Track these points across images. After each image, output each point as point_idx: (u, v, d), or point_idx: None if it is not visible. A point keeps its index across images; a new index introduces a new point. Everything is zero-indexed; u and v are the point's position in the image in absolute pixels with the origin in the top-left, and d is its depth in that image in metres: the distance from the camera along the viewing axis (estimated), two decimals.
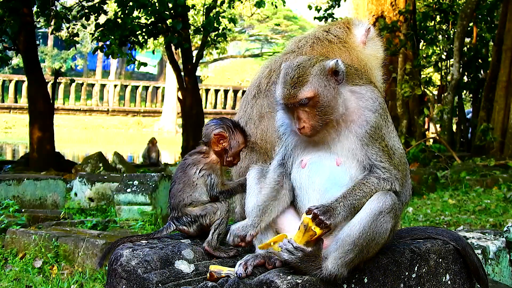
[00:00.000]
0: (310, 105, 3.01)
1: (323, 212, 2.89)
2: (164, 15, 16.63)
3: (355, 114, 3.09)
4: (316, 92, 3.00)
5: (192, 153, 3.51)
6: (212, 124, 3.50)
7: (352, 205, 2.96)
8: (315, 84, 3.01)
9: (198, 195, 3.41)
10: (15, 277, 6.51)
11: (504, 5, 18.79)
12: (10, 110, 40.18)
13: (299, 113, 3.02)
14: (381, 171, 3.06)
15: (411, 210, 10.96)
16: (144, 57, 27.15)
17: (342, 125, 3.09)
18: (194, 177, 3.41)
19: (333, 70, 3.05)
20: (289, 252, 2.89)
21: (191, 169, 3.43)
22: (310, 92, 3.00)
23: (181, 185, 3.41)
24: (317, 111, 3.01)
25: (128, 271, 3.08)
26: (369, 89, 3.15)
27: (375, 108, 3.10)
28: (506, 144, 17.38)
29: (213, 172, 3.45)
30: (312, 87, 3.01)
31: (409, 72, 19.86)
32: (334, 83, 3.05)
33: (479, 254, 5.13)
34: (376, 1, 21.32)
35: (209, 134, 3.48)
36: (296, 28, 49.55)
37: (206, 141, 3.49)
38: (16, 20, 16.48)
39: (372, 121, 3.08)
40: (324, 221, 2.87)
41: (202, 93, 41.00)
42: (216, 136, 3.46)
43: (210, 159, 3.47)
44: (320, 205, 2.92)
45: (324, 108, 3.01)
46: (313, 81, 3.02)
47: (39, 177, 11.06)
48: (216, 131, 3.47)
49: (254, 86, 3.98)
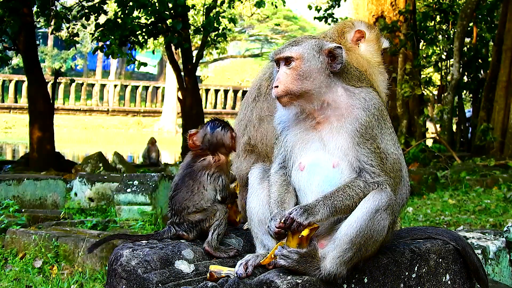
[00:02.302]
0: (292, 67, 3.08)
1: (301, 214, 2.93)
2: (164, 15, 16.62)
3: (345, 110, 3.11)
4: (300, 56, 3.09)
5: (197, 159, 3.48)
6: (219, 131, 3.51)
7: (333, 205, 2.98)
8: (304, 49, 3.11)
9: (204, 202, 3.40)
10: (15, 277, 6.51)
11: (504, 5, 18.79)
12: (10, 110, 40.17)
13: (280, 73, 3.10)
14: (369, 176, 3.05)
15: (411, 210, 10.96)
16: (144, 57, 27.15)
17: (334, 120, 3.11)
18: (205, 182, 3.41)
19: (330, 52, 3.12)
20: (285, 257, 2.91)
21: (202, 175, 3.41)
22: (295, 53, 3.10)
23: (189, 193, 3.39)
24: (296, 76, 3.07)
25: (128, 271, 3.08)
26: (365, 90, 3.16)
27: (367, 107, 3.10)
28: (506, 144, 17.37)
29: (223, 173, 3.46)
30: (300, 50, 3.11)
31: (409, 72, 19.86)
32: (326, 64, 3.11)
33: (479, 254, 5.13)
34: (376, 1, 21.30)
35: (224, 140, 3.49)
36: (296, 28, 49.56)
37: (215, 148, 3.48)
38: (16, 20, 16.47)
39: (362, 119, 3.08)
40: (302, 223, 2.92)
41: (202, 93, 41.00)
42: (232, 138, 3.52)
43: (221, 160, 3.48)
44: (298, 207, 2.97)
45: (303, 75, 3.07)
46: (304, 47, 3.12)
47: (39, 177, 11.06)
48: (230, 135, 3.51)
49: (254, 88, 3.97)
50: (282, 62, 3.12)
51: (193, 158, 3.49)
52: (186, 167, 3.46)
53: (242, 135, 3.88)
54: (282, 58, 3.11)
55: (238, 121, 3.95)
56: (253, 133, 3.83)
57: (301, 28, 49.20)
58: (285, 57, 3.10)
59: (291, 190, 3.20)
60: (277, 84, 3.08)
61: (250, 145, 3.82)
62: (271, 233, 3.01)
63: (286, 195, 3.18)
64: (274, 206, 3.14)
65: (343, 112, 3.10)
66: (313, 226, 2.95)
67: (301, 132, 3.18)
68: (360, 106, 3.10)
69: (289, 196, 3.19)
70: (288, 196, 3.18)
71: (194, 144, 3.52)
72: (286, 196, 3.18)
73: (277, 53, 3.14)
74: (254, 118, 3.85)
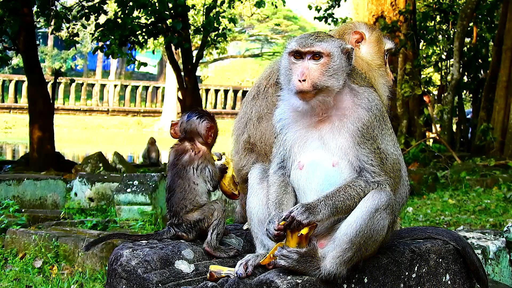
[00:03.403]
0: (320, 62, 3.07)
1: (302, 212, 2.93)
2: (164, 15, 16.62)
3: (349, 110, 3.11)
4: (330, 53, 3.09)
5: (179, 156, 3.48)
6: (194, 119, 3.51)
7: (334, 205, 2.98)
8: (332, 46, 3.11)
9: (199, 198, 3.41)
10: (15, 277, 6.51)
11: (504, 5, 18.78)
12: (10, 110, 40.14)
13: (308, 65, 3.07)
14: (370, 175, 3.06)
15: (411, 210, 10.96)
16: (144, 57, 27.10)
17: (335, 119, 3.11)
18: (194, 177, 3.42)
19: (347, 53, 3.15)
20: (284, 257, 2.91)
21: (188, 171, 3.42)
22: (327, 50, 3.08)
23: (183, 193, 3.39)
24: (324, 71, 3.06)
25: (128, 271, 3.08)
26: (368, 90, 3.19)
27: (369, 107, 3.12)
28: (506, 144, 17.37)
29: (208, 162, 3.47)
30: (330, 47, 3.10)
31: (409, 72, 19.86)
32: (346, 63, 3.14)
33: (479, 254, 5.13)
34: (376, 1, 21.29)
35: (198, 129, 3.49)
36: (296, 28, 49.54)
37: (191, 136, 3.49)
38: (16, 20, 16.47)
39: (364, 119, 3.09)
40: (302, 221, 2.92)
41: (202, 93, 40.98)
42: (208, 128, 3.49)
43: (202, 152, 3.48)
44: (300, 205, 2.97)
45: (331, 71, 3.07)
46: (331, 43, 3.12)
47: (39, 177, 11.06)
48: (205, 124, 3.50)
49: (254, 87, 3.99)
50: (308, 55, 3.09)
51: (175, 155, 3.49)
52: (172, 167, 3.48)
53: (242, 133, 3.88)
54: (311, 52, 3.08)
55: (238, 119, 3.96)
56: (252, 131, 3.83)
57: (301, 28, 49.16)
58: (315, 52, 3.08)
59: (289, 191, 3.20)
60: (303, 78, 3.04)
61: (249, 143, 3.83)
62: (270, 236, 3.01)
63: (285, 196, 3.18)
64: (272, 207, 3.15)
65: (346, 112, 3.11)
66: (312, 224, 2.96)
67: (300, 130, 3.18)
68: (364, 106, 3.11)
69: (288, 197, 3.19)
70: (286, 197, 3.19)
71: (175, 133, 3.56)
72: (285, 198, 3.18)
73: (305, 45, 3.08)
74: (254, 116, 3.86)
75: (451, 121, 20.59)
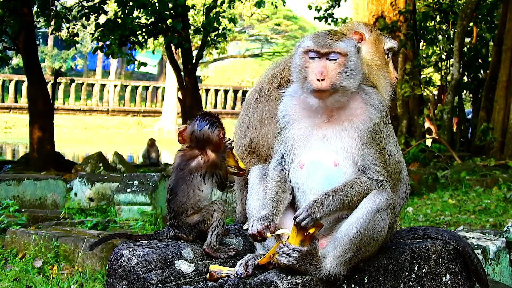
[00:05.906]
0: (338, 61, 3.07)
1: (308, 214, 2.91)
2: (164, 15, 16.61)
3: (360, 109, 3.12)
4: (348, 53, 3.09)
5: (186, 160, 3.43)
6: (206, 129, 3.43)
7: (341, 200, 2.97)
8: (349, 46, 3.12)
9: (200, 203, 3.39)
10: (15, 277, 6.51)
11: (504, 5, 18.78)
12: (10, 110, 40.14)
13: (326, 64, 3.07)
14: (374, 174, 3.07)
15: (411, 210, 10.95)
16: (144, 57, 27.10)
17: (344, 119, 3.11)
18: (200, 184, 3.39)
19: (359, 51, 3.17)
20: (286, 255, 2.90)
21: (195, 177, 3.39)
22: (344, 50, 3.09)
23: (185, 197, 3.37)
24: (342, 70, 3.07)
25: (128, 271, 3.08)
26: (375, 90, 3.23)
27: (380, 108, 3.14)
28: (506, 144, 17.37)
29: (217, 168, 3.43)
30: (347, 46, 3.11)
31: (409, 72, 19.86)
32: (359, 59, 3.15)
33: (479, 254, 5.13)
34: (376, 1, 21.30)
35: (211, 138, 3.43)
36: (296, 28, 49.53)
37: (203, 145, 3.43)
38: (16, 20, 16.46)
39: (375, 120, 3.10)
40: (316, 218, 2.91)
41: (202, 93, 40.97)
42: (220, 136, 3.44)
43: (211, 159, 3.43)
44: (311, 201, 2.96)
45: (348, 70, 3.08)
46: (347, 43, 3.12)
47: (39, 177, 11.06)
48: (217, 133, 3.44)
49: (256, 89, 3.94)
50: (325, 55, 3.09)
51: (183, 159, 3.45)
52: (178, 170, 3.43)
53: (243, 136, 3.85)
54: (330, 53, 3.08)
55: (239, 122, 3.93)
56: (254, 135, 3.81)
57: (301, 28, 49.16)
58: (334, 52, 3.08)
59: (287, 189, 3.19)
60: (322, 77, 3.04)
61: (251, 146, 3.81)
62: (249, 232, 3.02)
63: (282, 195, 3.17)
64: (268, 203, 3.13)
65: (356, 111, 3.12)
66: (319, 224, 2.95)
67: (305, 128, 3.18)
68: (375, 106, 3.13)
69: (285, 196, 3.18)
70: (284, 196, 3.17)
71: (183, 140, 3.50)
72: (282, 196, 3.17)
73: (323, 45, 3.08)
74: (256, 120, 3.84)
75: (451, 121, 20.59)
